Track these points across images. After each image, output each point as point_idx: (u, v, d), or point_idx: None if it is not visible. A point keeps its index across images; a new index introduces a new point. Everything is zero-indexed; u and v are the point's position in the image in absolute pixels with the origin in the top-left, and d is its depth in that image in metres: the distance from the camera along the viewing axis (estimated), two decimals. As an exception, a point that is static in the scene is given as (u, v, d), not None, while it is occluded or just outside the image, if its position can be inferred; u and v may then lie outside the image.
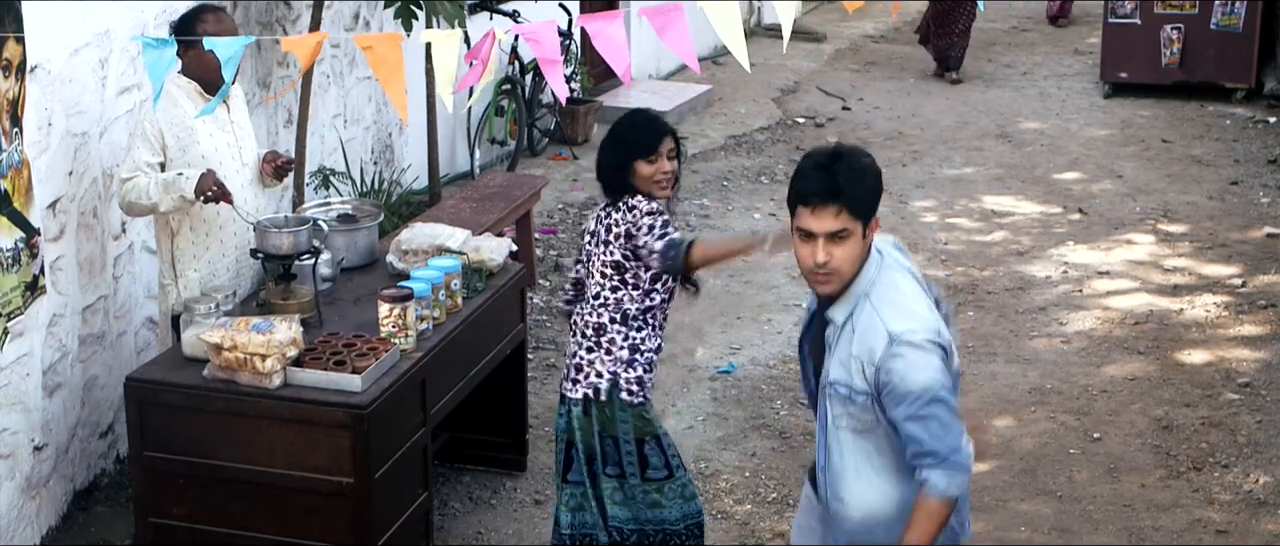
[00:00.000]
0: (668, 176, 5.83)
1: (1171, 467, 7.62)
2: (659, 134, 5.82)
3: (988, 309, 9.68)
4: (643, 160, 5.78)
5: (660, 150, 5.79)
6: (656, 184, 5.81)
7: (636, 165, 5.78)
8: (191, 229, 6.56)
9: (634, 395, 5.95)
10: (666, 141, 5.82)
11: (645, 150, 5.78)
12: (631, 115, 5.96)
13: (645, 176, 5.80)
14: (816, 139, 13.50)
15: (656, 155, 5.78)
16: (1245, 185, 12.14)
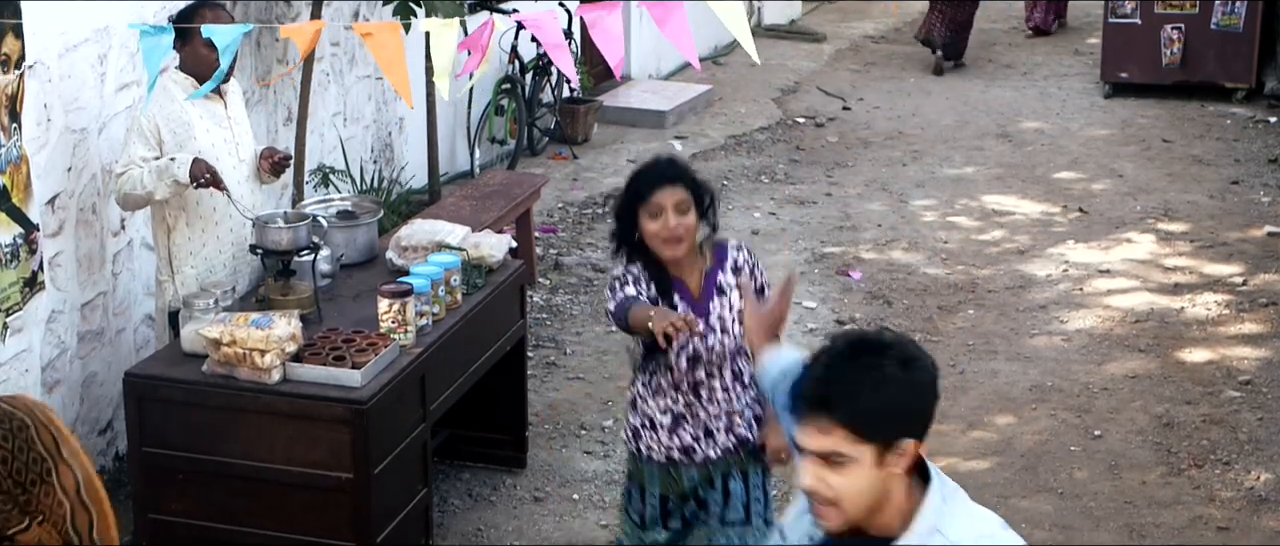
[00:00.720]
0: (672, 233, 4.92)
1: (1172, 465, 7.61)
2: (656, 179, 4.95)
3: (988, 307, 9.66)
4: (643, 210, 4.97)
5: (657, 199, 4.91)
6: (662, 242, 4.95)
7: (640, 216, 4.98)
8: (188, 225, 6.55)
9: (628, 442, 5.35)
10: (667, 191, 4.91)
11: (639, 197, 4.97)
12: (653, 157, 5.18)
13: (650, 233, 4.97)
14: (816, 139, 13.49)
15: (656, 206, 4.92)
16: (1246, 184, 12.13)
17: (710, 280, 5.12)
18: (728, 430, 5.19)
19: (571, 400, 8.27)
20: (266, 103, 8.80)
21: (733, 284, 5.10)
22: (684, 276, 5.09)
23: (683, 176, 5.00)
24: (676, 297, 5.06)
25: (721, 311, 5.09)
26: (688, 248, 5.00)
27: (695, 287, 5.10)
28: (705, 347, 5.07)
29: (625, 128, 13.46)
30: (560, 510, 7.16)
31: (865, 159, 12.93)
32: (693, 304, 5.05)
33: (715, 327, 5.07)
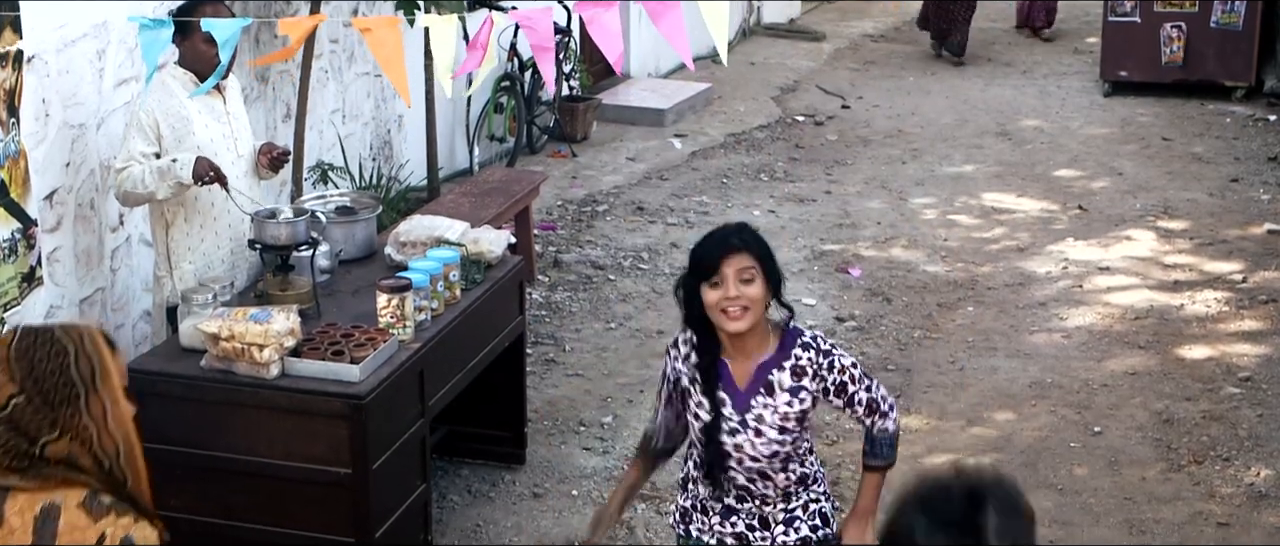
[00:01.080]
0: (734, 304, 4.45)
1: (1172, 461, 7.60)
2: (719, 246, 4.49)
3: (988, 304, 9.65)
4: (706, 283, 4.49)
5: (723, 271, 4.43)
6: (722, 313, 4.48)
7: (702, 291, 4.50)
8: (186, 220, 6.54)
9: (674, 525, 4.97)
10: (732, 259, 4.45)
11: (705, 270, 4.48)
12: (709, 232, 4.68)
13: (710, 304, 4.49)
14: (816, 137, 13.48)
15: (719, 277, 4.45)
16: (1245, 182, 12.12)
17: (763, 372, 4.58)
18: (788, 524, 4.74)
19: (571, 397, 8.26)
20: (265, 99, 8.79)
21: (788, 386, 4.56)
22: (734, 361, 4.58)
23: (749, 244, 4.50)
24: (719, 385, 4.61)
25: (763, 413, 4.57)
26: (752, 323, 4.47)
27: (742, 377, 4.59)
28: (733, 446, 4.62)
29: (625, 126, 13.45)
30: (559, 506, 7.15)
31: (865, 157, 12.92)
32: (735, 395, 4.59)
33: (750, 428, 4.58)
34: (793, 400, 4.55)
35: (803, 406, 4.56)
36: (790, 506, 4.72)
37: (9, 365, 3.36)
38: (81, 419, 3.36)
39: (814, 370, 4.57)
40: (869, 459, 4.85)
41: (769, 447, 4.58)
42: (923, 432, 7.92)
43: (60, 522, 3.31)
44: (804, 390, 4.55)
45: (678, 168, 12.45)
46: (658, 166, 12.45)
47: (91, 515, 3.31)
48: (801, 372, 4.56)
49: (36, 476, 3.34)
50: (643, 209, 11.30)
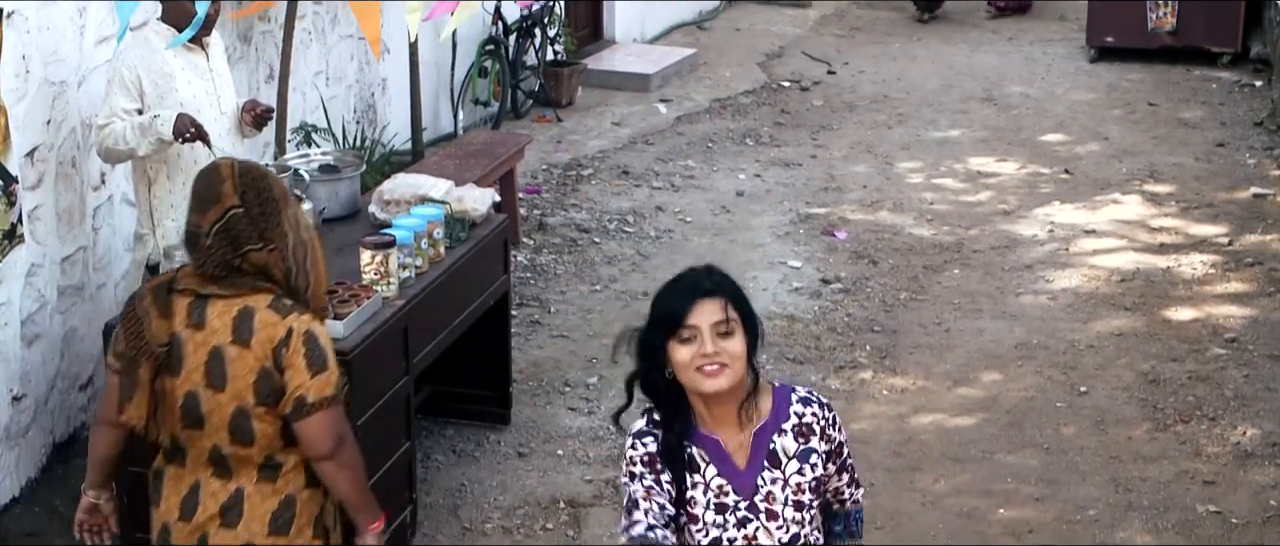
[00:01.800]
0: (712, 361, 3.66)
1: (1159, 420, 7.58)
2: (688, 293, 3.69)
3: (974, 267, 9.63)
4: (674, 339, 3.69)
5: (689, 319, 3.65)
6: (698, 372, 3.67)
7: (670, 349, 3.69)
8: (169, 177, 6.49)
9: None
10: (704, 306, 3.66)
11: (673, 323, 3.68)
12: (672, 278, 3.81)
13: (680, 364, 3.68)
14: (801, 102, 13.44)
15: (688, 329, 3.66)
16: (1231, 147, 12.11)
17: (762, 440, 3.78)
18: None
19: (556, 358, 8.23)
20: (248, 60, 8.73)
21: (795, 451, 3.77)
22: (722, 433, 3.77)
23: (723, 287, 3.71)
24: (708, 466, 3.76)
25: (773, 491, 3.76)
26: (734, 381, 3.69)
27: (739, 451, 3.77)
28: (745, 540, 3.77)
29: (610, 91, 13.40)
30: (544, 465, 7.12)
31: (850, 122, 12.89)
32: (734, 476, 3.76)
33: (760, 512, 3.76)
34: (803, 467, 3.76)
35: (815, 474, 3.78)
36: None
37: (236, 181, 4.19)
38: (281, 229, 4.18)
39: (821, 428, 3.80)
40: (841, 540, 4.06)
41: (787, 533, 3.76)
42: (909, 393, 7.90)
43: (255, 320, 4.13)
44: (814, 453, 3.78)
45: (663, 132, 12.41)
46: (643, 131, 12.41)
47: (279, 314, 4.15)
48: (808, 432, 3.79)
49: (232, 285, 4.16)
50: (628, 173, 11.26)
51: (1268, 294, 9.10)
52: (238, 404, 4.14)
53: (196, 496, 4.26)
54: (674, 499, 3.73)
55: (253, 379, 4.12)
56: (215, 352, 4.14)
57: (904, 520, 6.72)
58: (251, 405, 4.14)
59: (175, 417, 4.21)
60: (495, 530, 6.62)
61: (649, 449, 3.75)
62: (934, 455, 7.28)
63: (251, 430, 4.16)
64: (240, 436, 4.17)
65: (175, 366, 4.17)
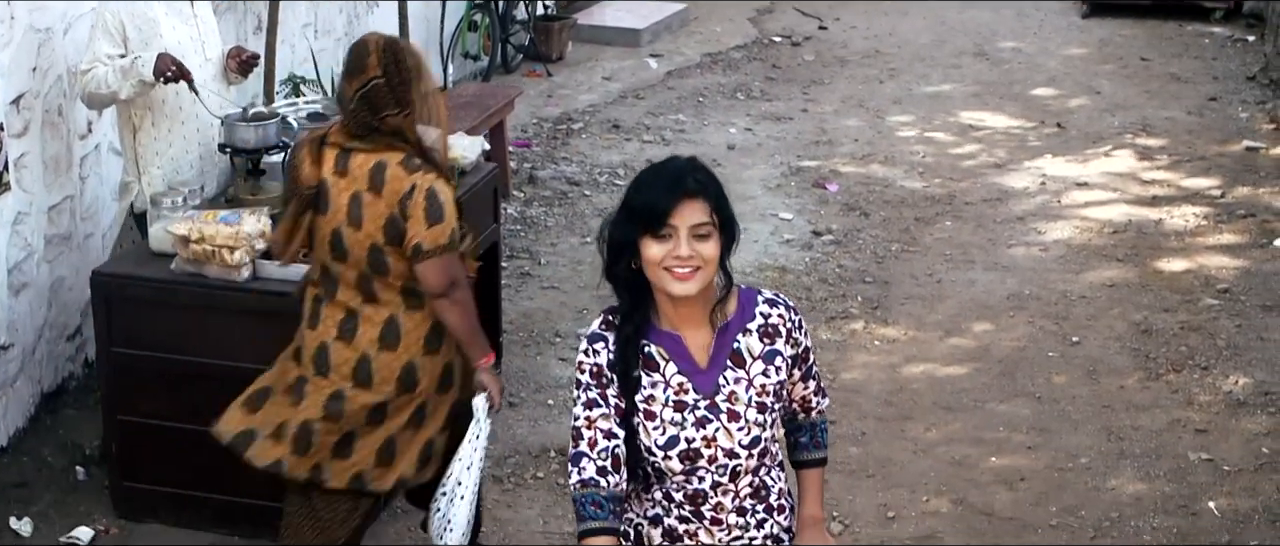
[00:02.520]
0: (685, 263, 3.52)
1: (1151, 370, 7.57)
2: (669, 190, 3.53)
3: (965, 219, 9.60)
4: (649, 235, 3.54)
5: (674, 222, 3.51)
6: (667, 272, 3.53)
7: (643, 243, 3.54)
8: (154, 124, 6.41)
9: None
10: (684, 207, 3.51)
11: (652, 220, 3.52)
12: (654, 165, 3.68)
13: (651, 261, 3.54)
14: (793, 57, 13.39)
15: (669, 229, 3.51)
16: (1224, 101, 12.08)
17: (725, 342, 3.66)
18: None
19: (546, 309, 8.20)
20: (235, 10, 8.67)
21: (760, 352, 3.65)
22: (685, 331, 3.65)
23: (706, 188, 3.55)
24: (668, 363, 3.65)
25: (736, 390, 3.63)
26: (703, 284, 3.55)
27: (701, 350, 3.65)
28: (705, 441, 3.65)
29: (601, 46, 13.35)
30: (535, 415, 7.10)
31: (842, 77, 12.85)
32: (695, 374, 3.63)
33: (722, 412, 3.63)
34: (768, 369, 3.64)
35: (779, 377, 3.66)
36: (748, 541, 3.74)
37: (379, 55, 4.94)
38: (416, 94, 4.97)
39: (787, 330, 3.69)
40: (808, 451, 3.94)
41: (748, 435, 3.64)
42: (901, 343, 7.88)
43: (386, 173, 4.91)
44: (779, 356, 3.66)
45: (654, 87, 12.36)
46: (633, 85, 12.36)
47: (407, 171, 4.93)
48: (774, 334, 3.67)
49: (370, 142, 4.95)
50: (618, 126, 11.22)
51: (1260, 245, 9.08)
52: (372, 241, 4.94)
53: (355, 321, 5.06)
54: (622, 412, 3.63)
55: (382, 222, 4.91)
56: (355, 197, 4.94)
57: (895, 468, 6.70)
58: (382, 244, 4.93)
59: (325, 250, 5.04)
60: (485, 478, 6.58)
61: (597, 359, 3.64)
62: (925, 404, 7.26)
63: (386, 263, 4.97)
64: (378, 268, 4.98)
65: (324, 207, 5.00)
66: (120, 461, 6.17)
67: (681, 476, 3.65)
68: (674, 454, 3.62)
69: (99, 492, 6.37)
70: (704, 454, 3.62)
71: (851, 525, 6.27)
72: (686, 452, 3.62)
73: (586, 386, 3.65)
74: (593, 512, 3.62)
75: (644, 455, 3.65)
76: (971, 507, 6.41)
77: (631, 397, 3.62)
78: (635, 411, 3.63)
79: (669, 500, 3.69)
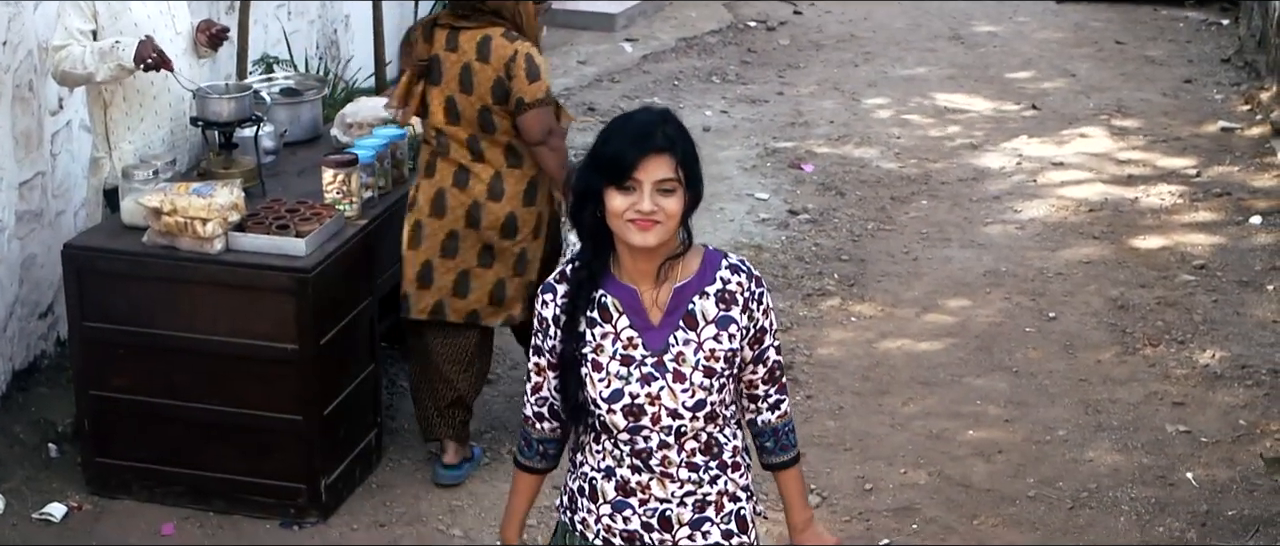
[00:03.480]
0: (647, 217, 3.51)
1: (1127, 344, 7.57)
2: (638, 143, 3.50)
3: (941, 198, 9.59)
4: (614, 185, 3.52)
5: (639, 177, 3.49)
6: (629, 224, 3.53)
7: (607, 193, 3.53)
8: (125, 99, 6.35)
9: (560, 510, 3.93)
10: (651, 162, 3.49)
11: (617, 172, 3.51)
12: (624, 115, 3.68)
13: (614, 211, 3.53)
14: (768, 42, 13.36)
15: (633, 182, 3.49)
16: (1199, 83, 12.08)
17: (680, 302, 3.63)
18: (696, 526, 3.73)
19: (522, 288, 8.15)
20: (207, -13, 8.61)
21: (714, 316, 3.63)
22: (641, 285, 3.63)
23: (675, 142, 3.52)
24: (620, 316, 3.63)
25: (684, 351, 3.61)
26: (664, 238, 3.55)
27: (654, 307, 3.64)
28: (649, 398, 3.62)
29: (576, 31, 13.27)
30: (511, 391, 7.06)
31: (817, 61, 12.82)
32: (645, 330, 3.62)
33: (668, 371, 3.60)
34: (720, 335, 3.62)
35: (731, 345, 3.64)
36: (702, 496, 3.71)
37: None
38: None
39: (744, 299, 3.65)
40: (776, 455, 3.88)
41: (693, 397, 3.61)
42: (877, 319, 7.87)
43: (492, 44, 5.90)
44: (733, 324, 3.63)
45: (629, 71, 12.32)
46: (609, 69, 12.31)
47: (509, 41, 5.91)
48: (731, 300, 3.64)
49: (475, 21, 5.94)
50: (594, 109, 11.17)
51: (1235, 222, 9.08)
52: (482, 103, 5.94)
53: (466, 175, 6.04)
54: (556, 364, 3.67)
55: (491, 85, 5.90)
56: (465, 67, 5.93)
57: (873, 441, 6.68)
58: (491, 104, 5.93)
59: (440, 115, 6.02)
60: (461, 454, 6.55)
61: (545, 311, 3.67)
62: (902, 378, 7.24)
63: (493, 122, 5.96)
64: (486, 127, 5.97)
65: (437, 78, 6.00)
66: (93, 437, 6.13)
67: (626, 433, 3.64)
68: (618, 408, 3.61)
69: (71, 469, 6.32)
70: (648, 411, 3.61)
71: (829, 497, 6.25)
72: (630, 408, 3.61)
73: (536, 333, 3.73)
74: (523, 448, 3.89)
75: (590, 408, 3.65)
76: (949, 479, 6.40)
77: (576, 346, 3.63)
78: (583, 361, 3.63)
79: (619, 452, 3.68)
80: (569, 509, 3.85)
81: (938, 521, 6.13)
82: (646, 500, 3.70)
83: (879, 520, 6.14)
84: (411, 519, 6.15)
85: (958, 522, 6.11)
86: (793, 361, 7.32)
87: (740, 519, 3.78)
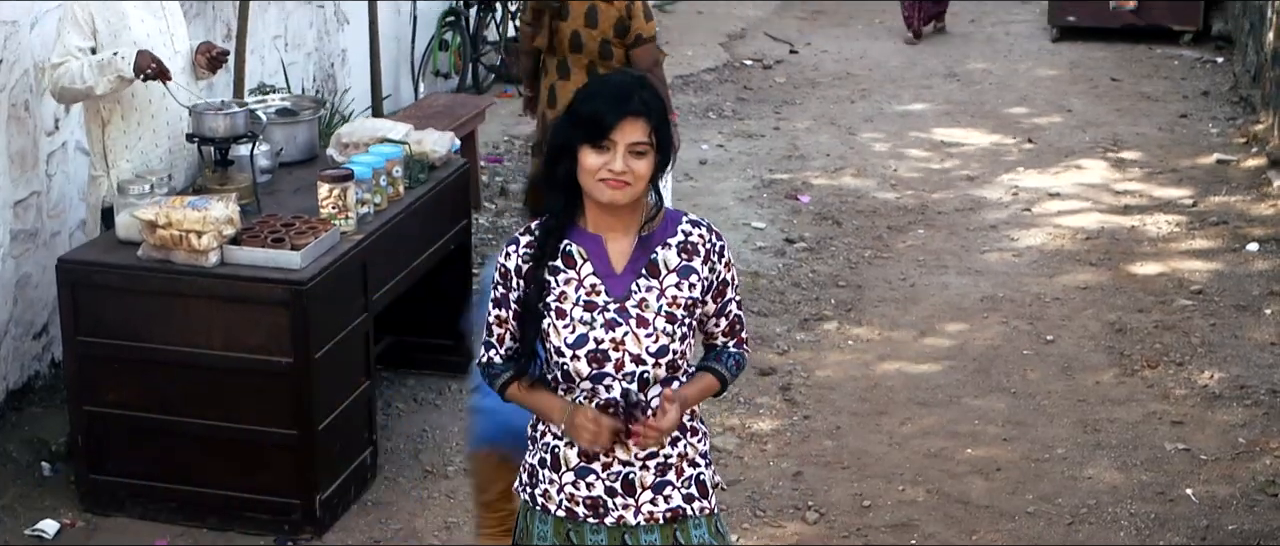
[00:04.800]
0: (618, 177, 3.64)
1: (1126, 366, 7.54)
2: (613, 106, 3.63)
3: (938, 227, 9.59)
4: (588, 144, 3.65)
5: (614, 138, 3.61)
6: (601, 182, 3.65)
7: (581, 151, 3.65)
8: (123, 117, 6.34)
9: (520, 488, 3.99)
10: (626, 124, 3.62)
11: (593, 131, 3.63)
12: (602, 77, 3.89)
13: (587, 168, 3.65)
14: (764, 80, 13.39)
15: (608, 142, 3.62)
16: (1194, 118, 12.10)
17: (643, 251, 3.76)
18: (658, 490, 3.81)
19: (518, 313, 8.12)
20: (204, 16, 8.62)
21: (676, 266, 3.75)
22: (608, 237, 3.75)
23: (649, 107, 3.66)
24: (585, 263, 3.74)
25: (646, 298, 3.72)
26: (633, 198, 3.69)
27: (619, 256, 3.75)
28: (613, 344, 3.71)
29: (572, 69, 13.28)
30: (507, 412, 7.02)
31: (813, 97, 12.84)
32: (608, 277, 3.73)
33: (631, 316, 3.71)
34: (681, 283, 3.74)
35: (692, 294, 3.75)
36: (663, 458, 3.79)
37: None
38: None
39: (706, 251, 3.78)
40: (711, 361, 3.94)
41: (656, 342, 3.70)
42: (874, 343, 7.84)
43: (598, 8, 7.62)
44: (694, 273, 3.75)
45: (626, 107, 12.30)
46: (605, 105, 12.30)
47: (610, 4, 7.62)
48: (692, 251, 3.77)
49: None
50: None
51: (1233, 250, 9.07)
52: (603, 36, 7.66)
53: None
54: (520, 314, 3.76)
55: (613, 22, 7.65)
56: (591, 8, 7.65)
57: (870, 460, 6.65)
58: (610, 37, 7.65)
59: (565, 46, 7.72)
60: (457, 472, 6.52)
61: (508, 262, 3.78)
62: (900, 399, 7.22)
63: (610, 51, 7.69)
64: (604, 55, 7.69)
65: (565, 15, 7.67)
66: (86, 453, 6.10)
67: (589, 382, 3.72)
68: (582, 353, 3.70)
69: (65, 487, 6.29)
70: (611, 357, 3.70)
71: (827, 514, 6.21)
72: (594, 354, 3.70)
73: (498, 285, 3.81)
74: (500, 367, 3.88)
75: (553, 358, 3.75)
76: (947, 496, 6.36)
77: (540, 295, 3.73)
78: (547, 312, 3.73)
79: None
80: (529, 485, 3.91)
81: (936, 537, 6.09)
82: (610, 464, 3.78)
83: (877, 536, 6.10)
84: (407, 535, 6.10)
85: (956, 538, 6.07)
86: (789, 382, 7.30)
87: (700, 483, 3.87)
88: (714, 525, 3.91)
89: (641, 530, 3.82)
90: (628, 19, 7.61)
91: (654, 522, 3.82)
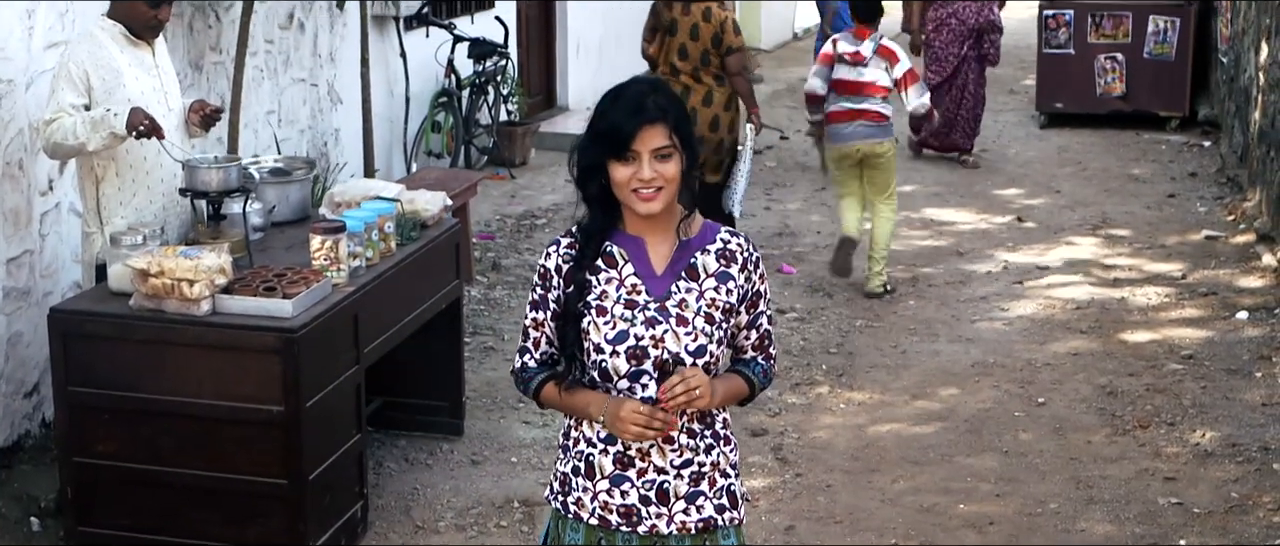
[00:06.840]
0: (649, 185, 3.68)
1: (1118, 426, 7.54)
2: (631, 116, 3.67)
3: (929, 298, 9.61)
4: (615, 158, 3.69)
5: (637, 147, 3.66)
6: (634, 194, 3.69)
7: (610, 166, 3.70)
8: (118, 174, 6.37)
9: (552, 497, 3.99)
10: (646, 132, 3.66)
11: (616, 145, 3.67)
12: (615, 89, 3.82)
13: (618, 182, 3.70)
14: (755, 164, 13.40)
15: (632, 153, 3.66)
16: (1182, 197, 12.18)
17: (683, 254, 3.80)
18: (691, 500, 3.83)
19: (509, 380, 8.09)
20: (199, 88, 8.67)
21: (714, 271, 3.79)
22: (649, 238, 3.80)
23: (667, 111, 3.69)
24: (626, 263, 3.79)
25: (686, 298, 3.76)
26: (668, 202, 3.71)
27: (660, 258, 3.79)
28: (653, 341, 3.73)
29: (563, 153, 13.23)
30: (498, 472, 7.02)
31: (804, 181, 12.92)
32: (649, 277, 3.77)
33: (671, 316, 3.74)
34: (719, 287, 3.77)
35: (729, 299, 3.78)
36: (697, 467, 3.81)
37: None
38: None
39: (743, 259, 3.82)
40: (739, 367, 3.95)
41: (695, 341, 3.73)
42: (867, 406, 7.84)
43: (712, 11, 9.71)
44: (732, 280, 3.79)
45: (617, 188, 12.36)
46: (597, 187, 12.36)
47: (722, 9, 9.74)
48: (731, 258, 3.81)
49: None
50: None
51: (1222, 318, 9.10)
52: (704, 47, 9.66)
53: (688, 91, 9.66)
54: (559, 313, 3.80)
55: (711, 36, 9.64)
56: (694, 25, 9.68)
57: (863, 516, 6.63)
58: (709, 48, 9.65)
59: (675, 55, 9.75)
60: (448, 528, 6.50)
61: (548, 262, 3.84)
62: (893, 458, 7.20)
63: (709, 59, 9.68)
64: (704, 62, 9.70)
65: (674, 31, 9.73)
66: (76, 505, 6.06)
67: (626, 380, 3.74)
68: (621, 350, 3.73)
69: (54, 542, 6.25)
70: (651, 354, 3.72)
71: (820, 566, 6.19)
72: (634, 351, 3.72)
73: (536, 286, 3.87)
74: (535, 371, 3.90)
75: (592, 356, 3.76)
76: (941, 549, 6.34)
77: (581, 295, 3.76)
78: (587, 311, 3.75)
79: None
80: (562, 493, 3.91)
81: (930, 588, 6.06)
82: (645, 471, 3.80)
83: (870, 587, 6.07)
84: (398, 587, 6.08)
85: (950, 588, 6.05)
86: (781, 443, 7.29)
87: (731, 494, 3.89)
88: (742, 536, 3.95)
89: (673, 539, 3.83)
90: (722, 34, 9.66)
91: (686, 532, 3.83)
